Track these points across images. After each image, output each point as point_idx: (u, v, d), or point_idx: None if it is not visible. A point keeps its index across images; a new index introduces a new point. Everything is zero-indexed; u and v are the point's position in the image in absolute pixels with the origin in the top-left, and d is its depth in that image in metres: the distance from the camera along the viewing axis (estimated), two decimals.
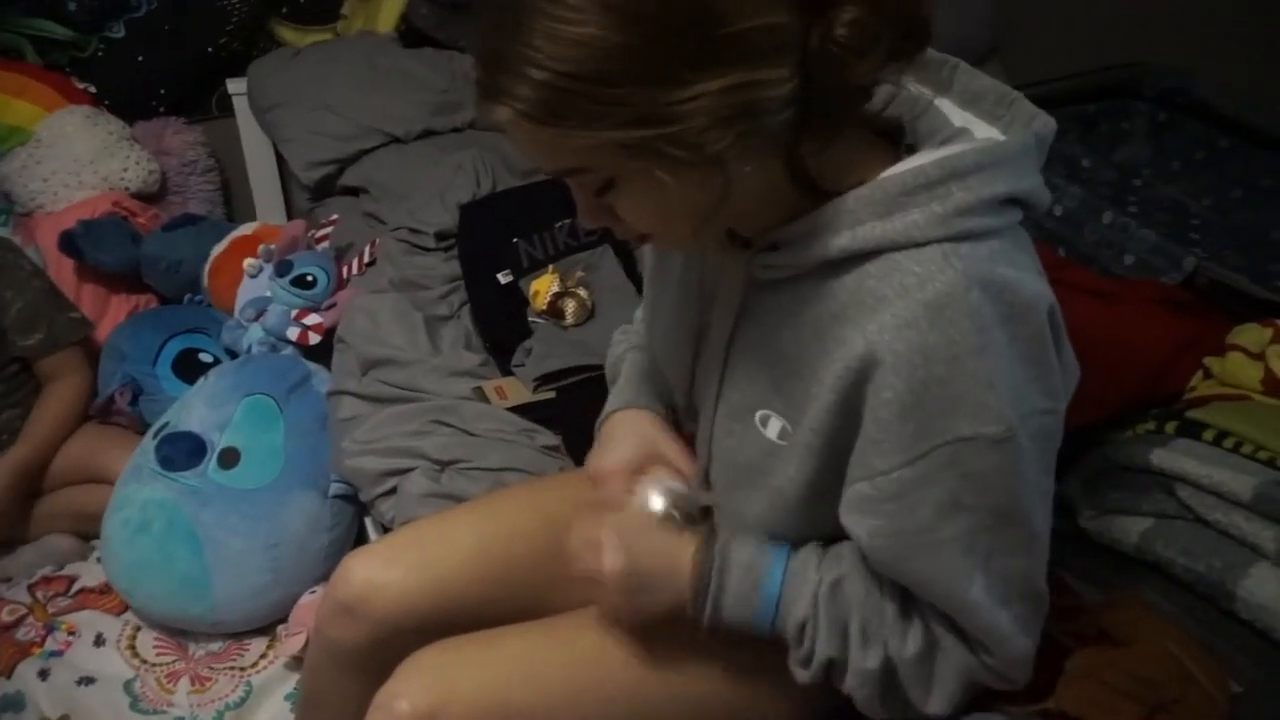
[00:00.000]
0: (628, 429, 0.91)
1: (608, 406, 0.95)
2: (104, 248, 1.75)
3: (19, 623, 1.39)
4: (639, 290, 1.49)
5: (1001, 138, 0.69)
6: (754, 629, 0.77)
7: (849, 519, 0.72)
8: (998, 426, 0.64)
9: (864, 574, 0.75)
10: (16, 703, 1.29)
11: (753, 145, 0.61)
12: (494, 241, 1.55)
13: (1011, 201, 0.67)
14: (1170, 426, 1.00)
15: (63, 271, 1.79)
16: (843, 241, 0.66)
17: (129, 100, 1.96)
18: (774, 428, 0.74)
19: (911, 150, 0.70)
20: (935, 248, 0.64)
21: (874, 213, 0.65)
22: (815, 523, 0.76)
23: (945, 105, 0.73)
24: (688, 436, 0.90)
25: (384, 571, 0.93)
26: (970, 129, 0.70)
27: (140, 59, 1.95)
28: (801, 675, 0.77)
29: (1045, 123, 0.70)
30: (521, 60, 0.59)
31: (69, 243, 1.74)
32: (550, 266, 1.50)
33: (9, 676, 1.32)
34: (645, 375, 0.96)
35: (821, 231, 0.67)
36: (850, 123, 0.67)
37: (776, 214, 0.70)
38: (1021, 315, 0.65)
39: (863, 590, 0.74)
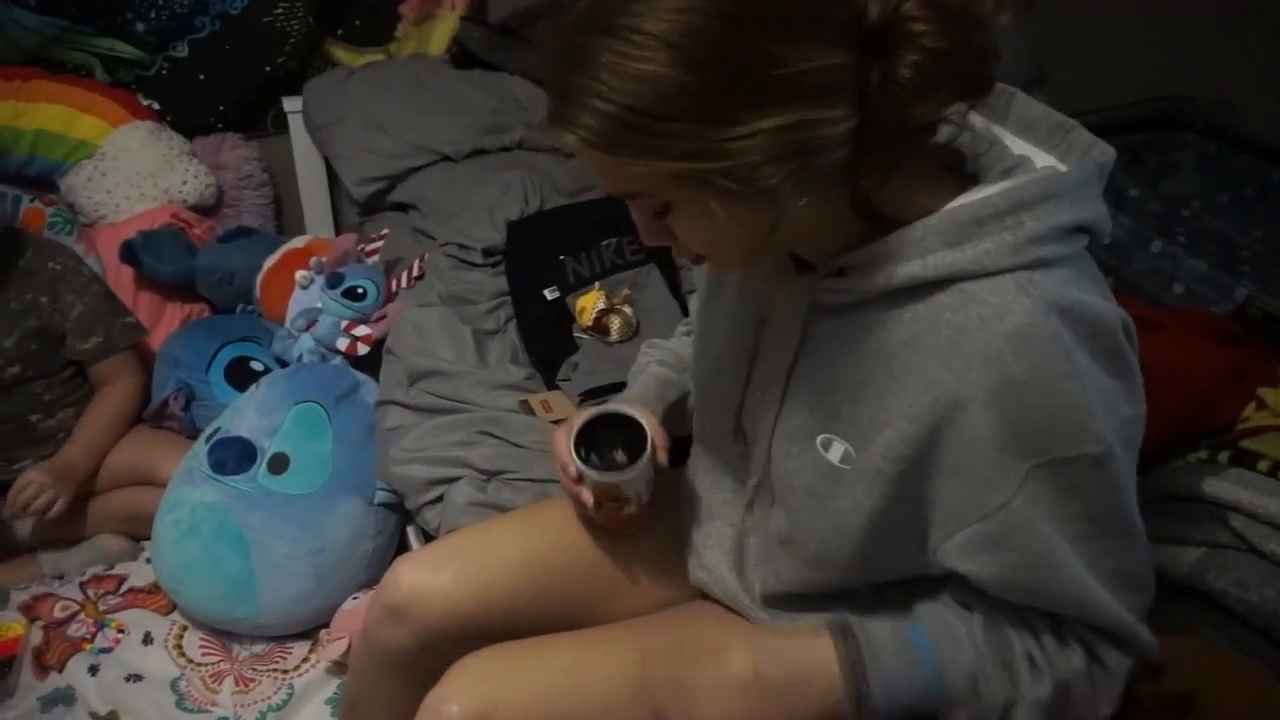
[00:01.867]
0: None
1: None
2: (162, 258, 1.80)
3: (71, 619, 1.43)
4: (683, 309, 1.50)
5: (1062, 167, 0.70)
6: (925, 698, 0.77)
7: (969, 564, 0.72)
8: (1097, 446, 0.66)
9: (1002, 609, 0.76)
10: (68, 697, 1.32)
11: (808, 180, 0.63)
12: (541, 258, 1.57)
13: (1078, 229, 0.68)
14: (1223, 456, 0.99)
15: (121, 280, 1.84)
16: (913, 269, 0.67)
17: (189, 117, 2.02)
18: (836, 452, 0.75)
19: (974, 180, 0.71)
20: (1008, 277, 0.65)
21: (944, 242, 0.66)
22: (873, 550, 0.76)
23: (1004, 135, 0.74)
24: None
25: (432, 576, 0.95)
26: (1030, 158, 0.71)
27: (201, 77, 2.02)
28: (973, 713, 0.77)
29: (1104, 150, 0.71)
30: (586, 92, 0.61)
31: (129, 253, 1.79)
32: (596, 284, 1.52)
33: (61, 670, 1.35)
34: (657, 381, 0.99)
35: (890, 259, 0.68)
36: (911, 159, 0.67)
37: (840, 241, 0.71)
38: (1101, 333, 0.66)
39: (1012, 625, 0.76)
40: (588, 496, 0.89)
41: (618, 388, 1.35)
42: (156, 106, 1.99)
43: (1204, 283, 1.39)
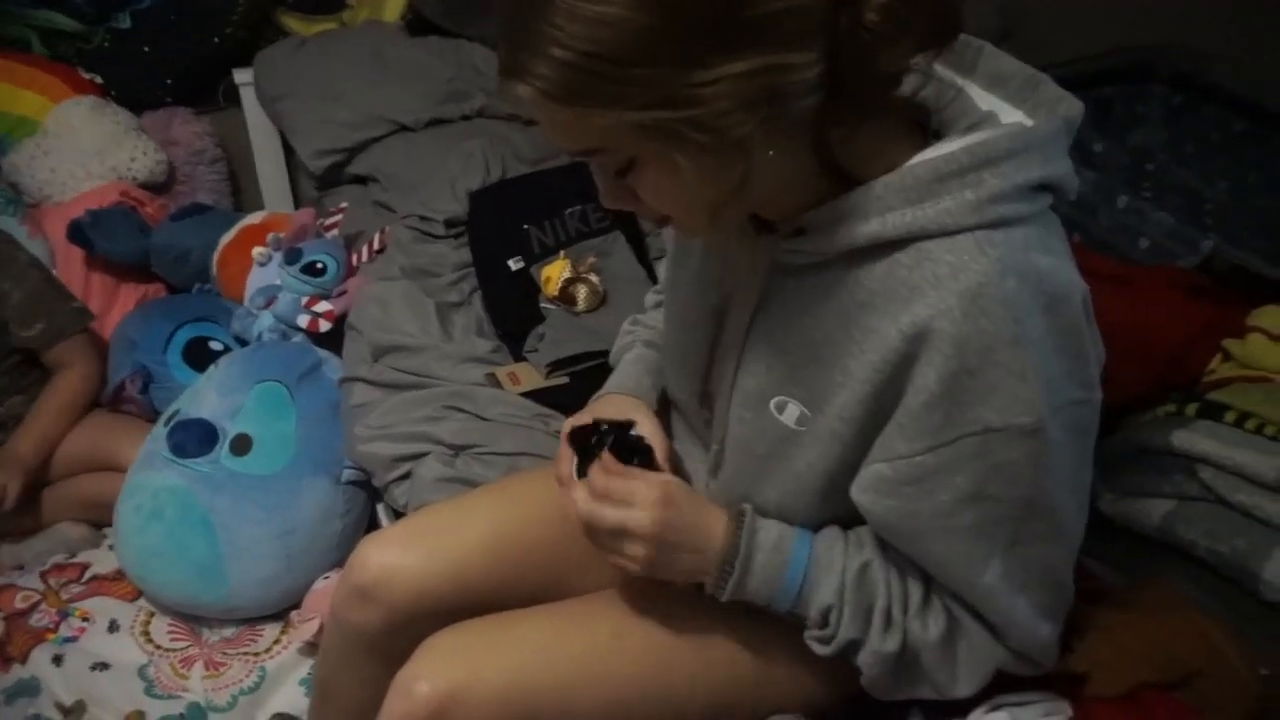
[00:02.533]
0: (614, 404, 0.92)
1: (604, 388, 0.96)
2: (113, 237, 1.75)
3: (33, 609, 1.39)
4: (651, 277, 1.48)
5: (1028, 122, 0.68)
6: (774, 607, 0.77)
7: (864, 497, 0.72)
8: (1028, 417, 0.63)
9: (888, 559, 0.75)
10: (31, 688, 1.29)
11: (776, 130, 0.60)
12: (505, 228, 1.54)
13: (1043, 187, 0.66)
14: (1191, 409, 0.99)
15: (72, 262, 1.79)
16: (872, 228, 0.65)
17: (136, 91, 1.96)
18: (791, 414, 0.74)
19: (938, 136, 0.69)
20: (968, 236, 0.63)
21: (904, 199, 0.64)
22: (831, 509, 0.76)
23: (970, 89, 0.72)
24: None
25: (400, 555, 0.93)
26: (996, 113, 0.69)
27: (146, 50, 1.95)
28: (820, 650, 0.77)
29: (1072, 106, 0.69)
30: (543, 38, 0.58)
31: (78, 233, 1.73)
32: (562, 253, 1.49)
33: (24, 662, 1.32)
34: (649, 369, 0.97)
35: (849, 218, 0.66)
36: (878, 109, 0.66)
37: (802, 199, 0.69)
38: (1057, 304, 0.64)
39: (888, 575, 0.75)
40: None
41: (586, 357, 1.34)
42: (100, 81, 1.93)
43: (1171, 237, 1.39)
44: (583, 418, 0.89)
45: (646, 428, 0.88)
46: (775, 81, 0.58)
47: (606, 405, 0.93)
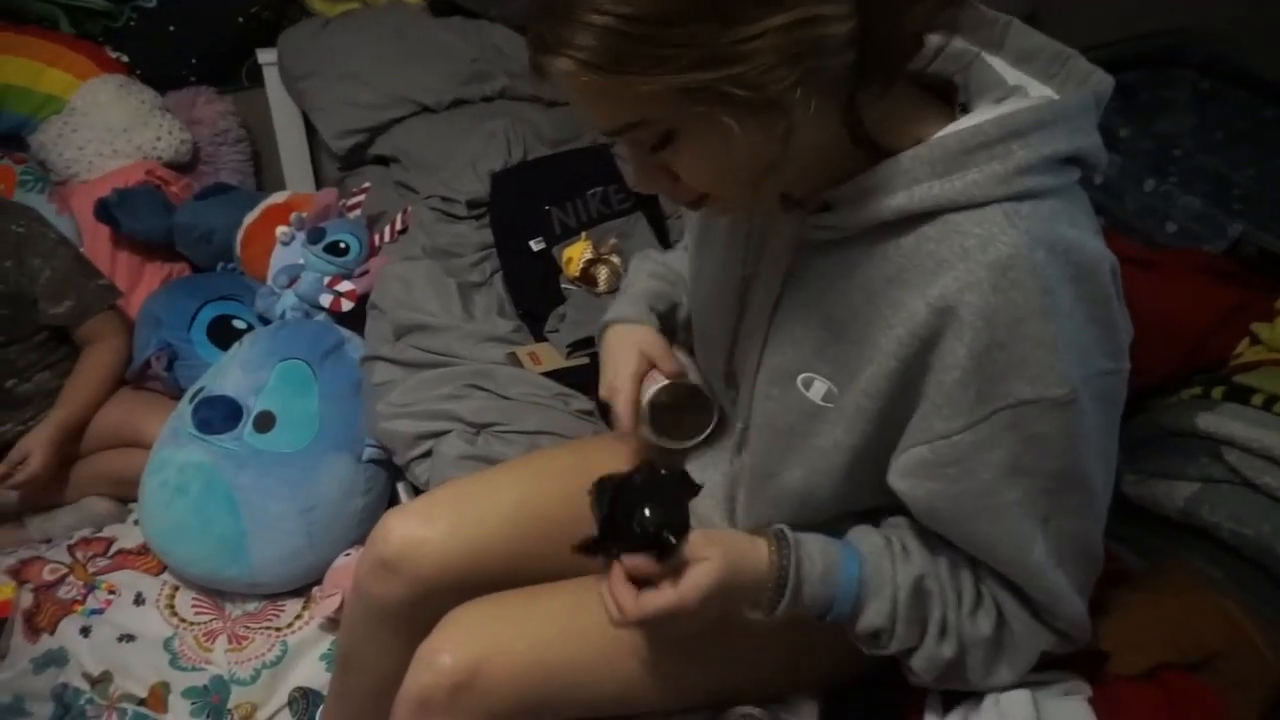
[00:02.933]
0: (626, 343, 0.91)
1: (607, 315, 0.96)
2: (138, 216, 1.77)
3: (60, 581, 1.42)
4: None
5: (1056, 96, 0.68)
6: (826, 617, 0.76)
7: (905, 483, 0.71)
8: (1061, 389, 0.63)
9: (937, 561, 0.74)
10: (59, 658, 1.31)
11: (813, 90, 0.60)
12: (526, 209, 1.54)
13: (1071, 161, 0.66)
14: (1217, 391, 0.98)
15: (98, 240, 1.81)
16: (899, 202, 0.65)
17: (161, 70, 1.97)
18: (818, 390, 0.73)
19: (965, 109, 0.69)
20: (996, 208, 0.63)
21: (931, 172, 0.64)
22: (855, 487, 0.76)
23: (998, 63, 0.71)
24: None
25: (423, 528, 0.94)
26: (1025, 87, 0.69)
27: (171, 29, 1.96)
28: (869, 650, 0.77)
29: (1101, 79, 0.69)
30: (582, 6, 0.58)
31: (104, 211, 1.75)
32: (583, 234, 1.49)
33: (52, 633, 1.34)
34: (650, 294, 0.97)
35: (877, 191, 0.66)
36: (905, 73, 0.65)
37: (831, 174, 0.69)
38: (1086, 275, 0.64)
39: (941, 585, 0.74)
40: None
41: None
42: (126, 59, 1.94)
43: (1197, 220, 1.37)
44: (626, 376, 0.88)
45: (662, 356, 0.88)
46: (813, 35, 0.58)
47: (619, 343, 0.91)
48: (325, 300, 1.58)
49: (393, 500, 1.46)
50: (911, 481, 0.70)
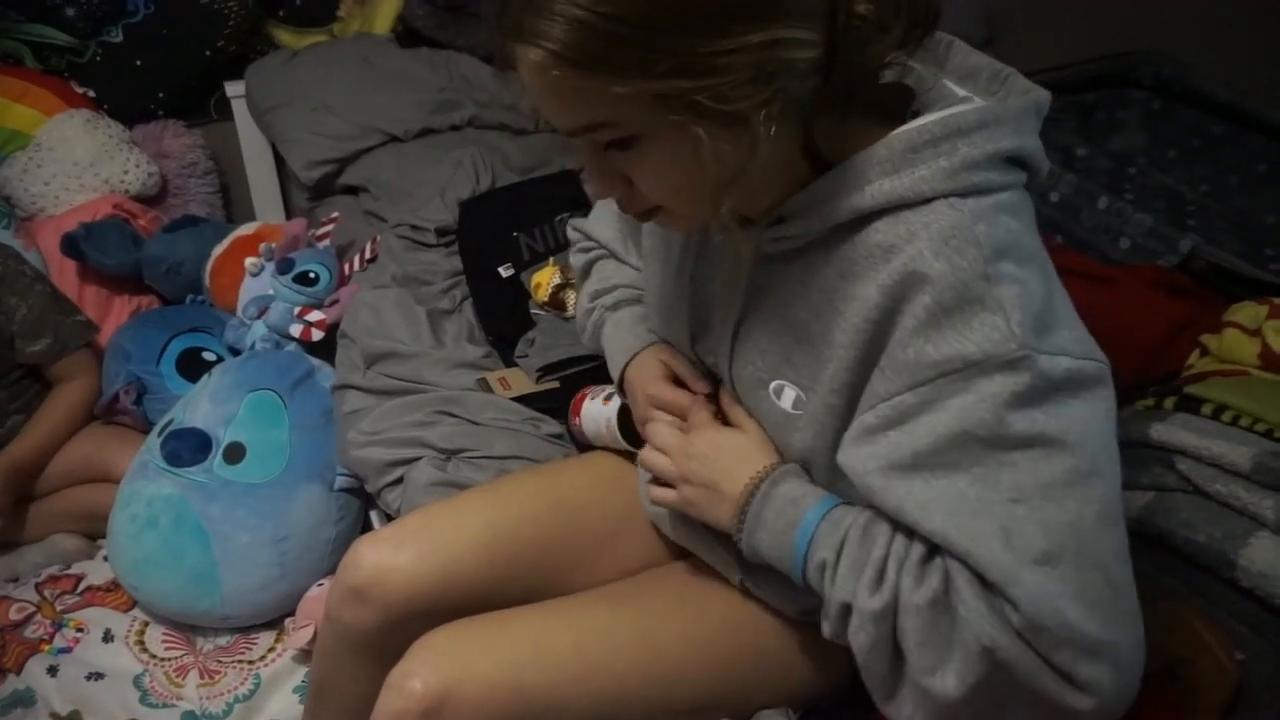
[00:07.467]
0: (652, 359, 0.91)
1: (618, 359, 0.94)
2: (106, 250, 1.76)
3: (27, 620, 1.40)
4: None
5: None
6: (790, 570, 0.74)
7: (847, 454, 0.68)
8: (1009, 345, 0.60)
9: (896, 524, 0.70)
10: (27, 699, 1.29)
11: (777, 111, 0.61)
12: (494, 236, 1.56)
13: (1014, 163, 0.68)
14: (1169, 402, 1.01)
15: (65, 274, 1.80)
16: (854, 201, 0.67)
17: (128, 104, 1.97)
18: (788, 398, 0.75)
19: (916, 116, 0.71)
20: (941, 201, 0.65)
21: (882, 170, 0.66)
22: (835, 480, 0.74)
23: (943, 83, 0.74)
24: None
25: (393, 555, 0.94)
26: (972, 98, 0.71)
27: (138, 63, 1.96)
28: (825, 629, 0.72)
29: (1040, 95, 0.71)
30: None
31: (71, 245, 1.74)
32: (551, 259, 1.51)
33: (19, 673, 1.32)
34: (641, 319, 0.96)
35: (831, 196, 0.68)
36: (862, 101, 0.67)
37: (780, 190, 0.71)
38: (1028, 258, 0.65)
39: (894, 529, 0.67)
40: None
41: (576, 362, 1.35)
42: (92, 94, 1.94)
43: (1150, 236, 1.41)
44: (660, 377, 0.89)
45: (686, 372, 0.88)
46: (785, 56, 0.59)
47: (645, 364, 0.92)
48: (296, 330, 1.58)
49: (365, 528, 1.46)
50: (851, 450, 0.67)
